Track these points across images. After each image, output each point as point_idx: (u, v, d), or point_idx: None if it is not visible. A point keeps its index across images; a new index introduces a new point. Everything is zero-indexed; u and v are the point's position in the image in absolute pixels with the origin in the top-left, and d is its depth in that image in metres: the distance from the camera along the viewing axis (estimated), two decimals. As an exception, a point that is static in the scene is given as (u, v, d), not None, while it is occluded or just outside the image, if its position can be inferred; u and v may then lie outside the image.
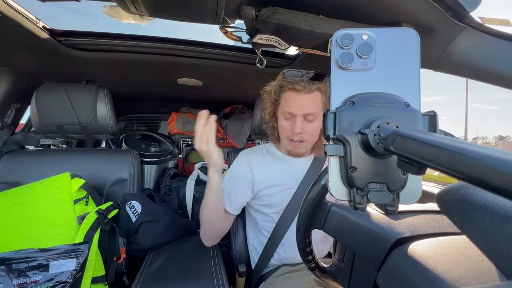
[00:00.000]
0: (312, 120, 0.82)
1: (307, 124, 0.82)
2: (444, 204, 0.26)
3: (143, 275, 0.74)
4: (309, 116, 0.81)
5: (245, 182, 0.89)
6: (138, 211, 0.95)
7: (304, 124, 0.82)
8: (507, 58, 0.64)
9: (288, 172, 0.90)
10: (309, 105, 0.80)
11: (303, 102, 0.80)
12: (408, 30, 0.28)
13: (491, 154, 0.14)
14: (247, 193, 0.89)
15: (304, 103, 0.80)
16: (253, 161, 0.92)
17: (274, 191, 0.89)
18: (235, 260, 1.00)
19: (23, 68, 1.14)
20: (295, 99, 0.81)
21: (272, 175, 0.90)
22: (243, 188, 0.89)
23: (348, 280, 0.43)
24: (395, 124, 0.25)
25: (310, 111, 0.80)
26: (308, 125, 0.82)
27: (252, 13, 0.67)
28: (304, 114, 0.81)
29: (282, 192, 0.88)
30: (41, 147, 1.22)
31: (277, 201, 0.88)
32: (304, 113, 0.81)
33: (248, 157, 0.93)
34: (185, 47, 1.06)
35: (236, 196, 0.87)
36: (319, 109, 0.81)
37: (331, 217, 0.44)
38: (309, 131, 0.83)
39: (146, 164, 1.47)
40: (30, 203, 0.82)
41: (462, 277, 0.26)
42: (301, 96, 0.80)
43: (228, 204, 0.86)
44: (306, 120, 0.82)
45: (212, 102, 1.88)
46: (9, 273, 0.63)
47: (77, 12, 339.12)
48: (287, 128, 0.84)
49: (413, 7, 0.62)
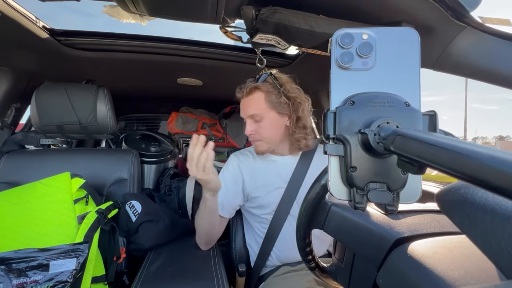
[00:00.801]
0: (259, 120, 0.85)
1: (256, 124, 0.86)
2: (444, 204, 0.26)
3: (143, 275, 0.74)
4: (255, 117, 0.85)
5: (237, 185, 0.90)
6: (138, 210, 0.95)
7: (253, 125, 0.86)
8: (507, 58, 0.63)
9: (276, 172, 0.91)
10: (249, 107, 0.86)
11: (244, 106, 0.88)
12: (408, 30, 0.28)
13: (491, 154, 0.14)
14: (239, 196, 0.90)
15: (245, 106, 0.87)
16: (243, 163, 0.93)
17: (264, 191, 0.89)
18: (235, 260, 1.00)
19: (23, 68, 1.14)
20: (242, 104, 0.89)
21: (261, 176, 0.91)
22: (235, 191, 0.90)
23: (348, 279, 0.43)
24: (395, 124, 0.25)
25: (252, 112, 0.85)
26: (257, 125, 0.86)
27: (252, 12, 0.67)
28: (248, 115, 0.86)
29: (272, 192, 0.89)
30: (41, 147, 1.22)
31: (268, 202, 0.89)
32: (247, 115, 0.86)
33: (238, 159, 0.94)
34: (185, 47, 1.06)
35: (229, 201, 0.88)
36: (263, 108, 0.84)
37: (331, 217, 0.44)
38: (260, 131, 0.86)
39: (146, 163, 1.47)
40: (30, 203, 0.82)
41: (462, 276, 0.26)
42: (243, 101, 0.88)
43: (221, 208, 0.87)
44: (255, 121, 0.86)
45: (212, 102, 1.87)
46: (9, 273, 0.63)
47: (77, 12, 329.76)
48: (246, 130, 0.89)
49: (413, 6, 0.62)
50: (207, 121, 1.89)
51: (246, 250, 1.00)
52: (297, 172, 0.90)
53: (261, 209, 0.90)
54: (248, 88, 0.85)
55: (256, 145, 0.90)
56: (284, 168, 0.91)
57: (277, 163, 0.93)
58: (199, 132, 1.87)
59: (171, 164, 1.64)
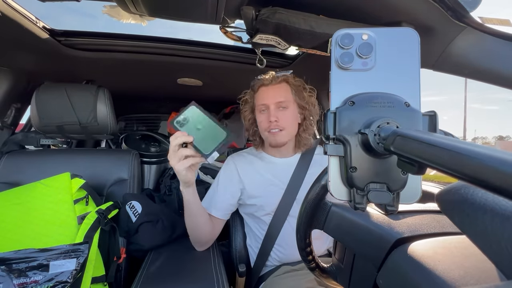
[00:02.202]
0: (286, 107, 0.88)
1: (281, 112, 0.87)
2: (444, 204, 0.26)
3: (143, 275, 0.74)
4: (282, 104, 0.87)
5: (231, 186, 0.90)
6: (138, 211, 0.95)
7: (279, 112, 0.87)
8: (507, 58, 0.63)
9: (275, 173, 0.91)
10: (278, 94, 0.87)
11: (273, 92, 0.88)
12: (408, 30, 0.28)
13: (491, 154, 0.14)
14: (234, 197, 0.90)
15: (273, 93, 0.88)
16: (240, 165, 0.93)
17: (264, 192, 0.89)
18: (234, 260, 1.00)
19: (23, 68, 1.14)
20: (267, 92, 0.89)
21: (259, 178, 0.91)
22: (229, 191, 0.90)
23: (348, 280, 0.43)
24: (395, 124, 0.25)
25: (281, 99, 0.87)
26: (282, 113, 0.87)
27: (252, 13, 0.67)
28: (276, 102, 0.87)
29: (270, 193, 0.89)
30: (41, 147, 1.22)
31: (266, 203, 0.89)
32: (276, 101, 0.87)
33: (235, 161, 0.94)
34: (185, 47, 1.06)
35: (221, 201, 0.88)
36: (290, 98, 0.89)
37: (331, 217, 0.44)
38: (284, 119, 0.87)
39: (146, 164, 1.47)
40: (30, 203, 0.82)
41: (462, 277, 0.26)
42: (270, 88, 0.89)
43: (213, 208, 0.87)
44: (280, 108, 0.87)
45: (212, 102, 1.87)
46: (9, 273, 0.63)
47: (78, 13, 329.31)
48: (264, 120, 0.88)
49: (413, 7, 0.62)
50: (207, 121, 1.89)
51: (246, 250, 1.00)
52: (297, 172, 0.90)
53: (261, 210, 0.90)
54: (278, 78, 0.88)
55: (276, 136, 0.87)
56: (284, 169, 0.91)
57: (276, 164, 0.93)
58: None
59: (171, 164, 1.64)
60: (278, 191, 0.89)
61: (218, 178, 0.93)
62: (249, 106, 0.95)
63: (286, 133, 0.88)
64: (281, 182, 0.90)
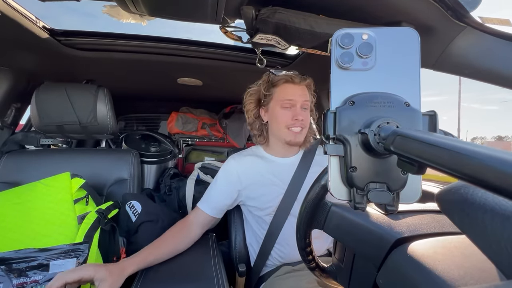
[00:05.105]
0: (307, 108, 0.91)
1: (304, 112, 0.90)
2: (444, 204, 0.26)
3: (143, 275, 0.74)
4: (305, 104, 0.90)
5: (228, 187, 0.91)
6: (138, 211, 0.95)
7: (302, 112, 0.89)
8: (507, 58, 0.63)
9: (277, 173, 0.91)
10: (304, 94, 0.91)
11: (302, 91, 0.90)
12: (408, 30, 0.28)
13: (491, 153, 0.14)
14: (229, 198, 0.91)
15: (301, 92, 0.90)
16: (241, 165, 0.93)
17: (264, 192, 0.89)
18: (234, 260, 1.00)
19: (23, 68, 1.14)
20: (294, 89, 0.89)
21: (260, 178, 0.91)
22: (225, 193, 0.90)
23: (348, 279, 0.43)
24: (395, 124, 0.25)
25: (306, 99, 0.90)
26: (305, 113, 0.90)
27: (252, 12, 0.67)
28: (303, 101, 0.89)
29: (272, 193, 0.89)
30: (41, 147, 1.22)
31: (267, 202, 0.89)
32: (303, 100, 0.89)
33: (236, 161, 0.94)
34: (185, 47, 1.06)
35: (216, 201, 0.89)
36: (310, 100, 0.93)
37: (331, 217, 0.44)
38: (307, 119, 0.91)
39: (146, 164, 1.47)
40: (30, 202, 0.82)
41: (462, 276, 0.26)
42: (299, 87, 0.90)
43: (205, 206, 0.88)
44: (303, 109, 0.90)
45: (212, 102, 1.87)
46: (9, 273, 0.63)
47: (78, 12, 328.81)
48: (288, 117, 0.88)
49: (413, 6, 0.62)
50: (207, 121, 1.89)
51: (246, 250, 1.00)
52: (298, 172, 0.90)
53: (261, 210, 0.90)
54: (305, 79, 0.91)
55: (297, 134, 0.89)
56: (285, 169, 0.91)
57: (278, 164, 0.93)
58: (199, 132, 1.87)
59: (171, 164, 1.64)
60: (279, 191, 0.89)
61: (217, 177, 0.93)
62: (257, 99, 0.94)
63: (305, 132, 0.91)
64: (282, 182, 0.90)
